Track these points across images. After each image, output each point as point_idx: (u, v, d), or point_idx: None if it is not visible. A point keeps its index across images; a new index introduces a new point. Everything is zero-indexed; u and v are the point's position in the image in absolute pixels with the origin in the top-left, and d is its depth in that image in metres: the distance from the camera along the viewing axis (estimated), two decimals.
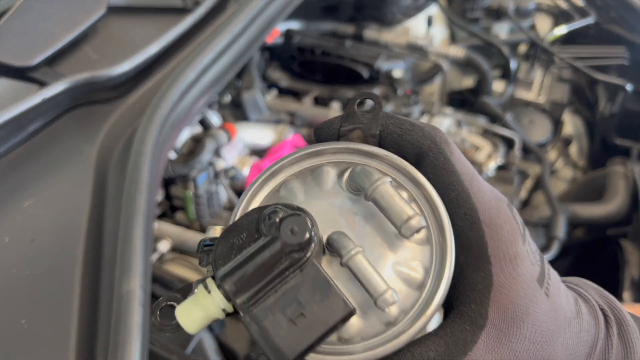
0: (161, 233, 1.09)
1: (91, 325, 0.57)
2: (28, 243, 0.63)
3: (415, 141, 0.27)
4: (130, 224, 0.63)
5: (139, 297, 0.57)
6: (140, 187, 0.67)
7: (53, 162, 0.73)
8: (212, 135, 1.15)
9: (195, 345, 0.76)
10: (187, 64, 0.84)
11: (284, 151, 1.27)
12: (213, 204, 1.19)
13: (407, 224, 0.24)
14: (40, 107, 0.72)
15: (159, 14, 0.95)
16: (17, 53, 0.78)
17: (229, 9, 1.00)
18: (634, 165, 1.27)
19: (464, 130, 1.38)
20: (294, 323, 0.23)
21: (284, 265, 0.23)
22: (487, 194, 0.26)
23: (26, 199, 0.68)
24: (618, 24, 1.47)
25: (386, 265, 0.25)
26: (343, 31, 1.55)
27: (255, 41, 0.99)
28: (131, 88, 0.84)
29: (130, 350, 0.53)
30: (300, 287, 0.23)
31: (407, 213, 0.24)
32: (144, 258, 0.61)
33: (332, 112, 1.36)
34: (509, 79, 1.48)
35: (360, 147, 0.27)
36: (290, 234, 0.23)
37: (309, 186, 0.27)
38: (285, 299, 0.23)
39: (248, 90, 1.35)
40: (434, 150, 0.26)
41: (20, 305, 0.57)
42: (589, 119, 1.54)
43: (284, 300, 0.23)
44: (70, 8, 0.86)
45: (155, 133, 0.73)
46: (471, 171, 0.27)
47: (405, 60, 1.43)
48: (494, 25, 1.58)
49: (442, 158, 0.26)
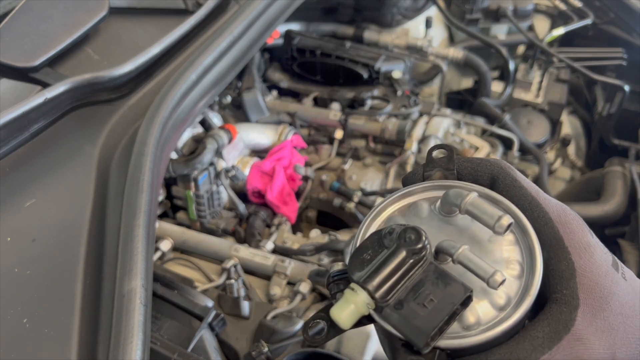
0: (162, 233, 1.09)
1: (93, 324, 0.57)
2: (29, 242, 0.64)
3: (487, 170, 0.34)
4: (132, 223, 0.64)
5: (141, 296, 0.57)
6: (141, 187, 0.67)
7: (55, 162, 0.73)
8: (213, 136, 1.15)
9: (196, 344, 0.77)
10: (189, 65, 0.84)
11: (285, 151, 1.28)
12: (214, 204, 1.19)
13: (499, 222, 0.29)
14: (42, 107, 0.73)
15: (161, 15, 0.95)
16: (19, 54, 0.78)
17: (230, 10, 1.01)
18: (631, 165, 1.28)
19: (463, 130, 1.38)
20: (426, 307, 0.28)
21: (408, 266, 0.29)
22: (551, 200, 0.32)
23: (28, 199, 0.68)
24: (616, 25, 1.48)
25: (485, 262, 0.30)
26: (343, 32, 1.56)
27: (256, 42, 1.00)
28: (133, 89, 0.84)
29: (132, 349, 0.53)
30: (424, 281, 0.29)
31: (497, 213, 0.30)
32: (146, 257, 0.61)
33: (332, 112, 1.36)
34: (507, 80, 1.49)
35: (444, 183, 0.34)
36: (409, 241, 0.29)
37: (409, 217, 0.34)
38: (414, 291, 0.29)
39: (248, 91, 1.35)
40: (502, 174, 0.33)
41: (21, 304, 0.58)
42: (587, 120, 1.55)
43: (413, 292, 0.28)
44: (72, 9, 0.87)
45: (157, 133, 0.74)
46: (534, 186, 0.33)
47: (405, 62, 1.44)
48: (493, 27, 1.59)
49: (510, 179, 0.33)
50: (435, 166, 0.35)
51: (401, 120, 1.32)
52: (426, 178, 0.35)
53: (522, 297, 0.29)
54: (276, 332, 0.87)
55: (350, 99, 1.39)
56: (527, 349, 0.28)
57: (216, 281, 0.99)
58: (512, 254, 0.31)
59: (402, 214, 0.34)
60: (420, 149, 1.28)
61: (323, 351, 0.86)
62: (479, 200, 0.31)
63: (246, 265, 1.03)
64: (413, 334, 0.27)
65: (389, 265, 0.28)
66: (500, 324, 0.28)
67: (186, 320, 0.80)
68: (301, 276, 0.99)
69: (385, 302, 0.28)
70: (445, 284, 0.28)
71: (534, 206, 0.32)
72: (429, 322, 0.27)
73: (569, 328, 0.28)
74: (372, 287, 0.28)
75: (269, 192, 1.20)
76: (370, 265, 0.29)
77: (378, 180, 1.29)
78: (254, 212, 1.20)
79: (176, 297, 0.81)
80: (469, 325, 0.29)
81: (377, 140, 1.35)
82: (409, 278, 0.29)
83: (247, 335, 0.89)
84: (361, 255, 0.30)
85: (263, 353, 0.83)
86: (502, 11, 1.50)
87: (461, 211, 0.31)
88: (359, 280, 0.28)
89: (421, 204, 0.34)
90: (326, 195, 1.28)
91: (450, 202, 0.32)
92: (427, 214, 0.34)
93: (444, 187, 0.34)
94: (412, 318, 0.28)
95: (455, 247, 0.29)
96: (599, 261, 0.30)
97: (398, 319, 0.28)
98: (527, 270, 0.30)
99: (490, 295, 0.30)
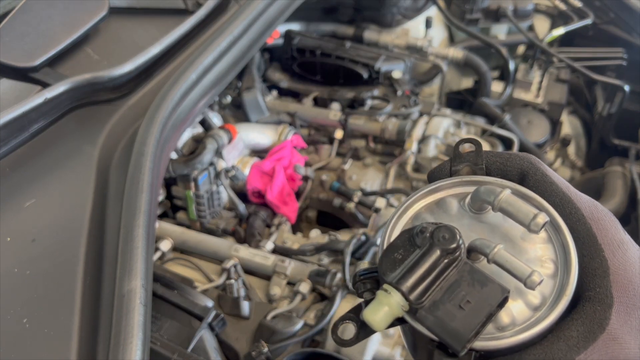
0: (162, 233, 1.09)
1: (92, 324, 0.57)
2: (29, 243, 0.64)
3: (516, 165, 0.33)
4: (132, 223, 0.64)
5: (140, 296, 0.57)
6: (141, 187, 0.67)
7: (54, 162, 0.73)
8: (213, 136, 1.15)
9: (196, 344, 0.77)
10: (189, 65, 0.84)
11: (285, 151, 1.28)
12: (214, 204, 1.19)
13: (535, 220, 0.29)
14: (42, 107, 0.73)
15: (161, 15, 0.95)
16: (19, 54, 0.78)
17: (230, 10, 1.01)
18: (632, 165, 1.28)
19: (463, 130, 1.38)
20: (463, 309, 0.27)
21: (442, 267, 0.28)
22: (582, 196, 0.31)
23: (28, 199, 0.68)
24: (616, 24, 1.48)
25: (521, 262, 0.29)
26: (343, 32, 1.56)
27: (256, 42, 1.00)
28: (133, 89, 0.84)
29: (132, 349, 0.53)
30: (460, 281, 0.28)
31: (532, 212, 0.29)
32: (145, 257, 0.61)
33: (332, 112, 1.36)
34: (507, 80, 1.49)
35: (472, 178, 0.33)
36: (443, 240, 0.28)
37: (437, 214, 0.33)
38: (450, 292, 0.28)
39: (248, 91, 1.35)
40: (533, 170, 0.32)
41: (21, 304, 0.58)
42: (587, 120, 1.55)
43: (449, 293, 0.28)
44: (72, 9, 0.87)
45: (157, 133, 0.74)
46: (565, 182, 0.32)
47: (405, 62, 1.43)
48: (493, 27, 1.59)
49: (541, 174, 0.32)
50: (462, 161, 0.34)
51: (401, 120, 1.32)
52: (453, 173, 0.34)
53: (558, 297, 0.28)
54: (276, 332, 0.87)
55: (350, 99, 1.39)
56: (562, 349, 0.27)
57: (216, 281, 0.99)
58: (545, 252, 0.30)
59: (429, 211, 0.33)
60: (420, 149, 1.28)
61: (323, 351, 0.86)
62: (513, 198, 0.30)
63: (246, 265, 1.03)
64: (450, 337, 0.27)
65: (423, 265, 0.27)
66: (536, 325, 0.28)
67: (186, 320, 0.79)
68: (301, 276, 0.99)
69: (420, 303, 0.27)
70: (481, 284, 0.28)
71: (566, 202, 0.31)
72: (466, 324, 0.27)
73: (604, 327, 0.27)
74: (406, 289, 0.27)
75: (269, 192, 1.20)
76: (403, 265, 0.28)
77: (378, 180, 1.29)
78: (254, 212, 1.20)
79: (176, 297, 0.81)
80: (503, 326, 0.28)
81: (377, 140, 1.35)
82: (444, 279, 0.28)
83: (247, 336, 0.89)
84: (392, 255, 0.29)
85: (263, 353, 0.83)
86: (502, 11, 1.50)
87: (494, 209, 0.30)
88: (392, 281, 0.28)
89: (450, 201, 0.33)
90: (326, 195, 1.28)
91: (482, 199, 0.31)
92: (457, 211, 0.32)
93: (472, 182, 0.33)
94: (449, 320, 0.27)
95: (490, 247, 0.29)
96: (632, 258, 0.30)
97: (434, 321, 0.27)
98: (561, 269, 0.29)
99: (525, 295, 0.29)
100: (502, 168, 0.33)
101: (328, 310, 0.91)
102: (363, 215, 1.20)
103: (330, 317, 0.90)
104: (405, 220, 0.33)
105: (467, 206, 0.32)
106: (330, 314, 0.90)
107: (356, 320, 0.31)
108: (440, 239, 0.28)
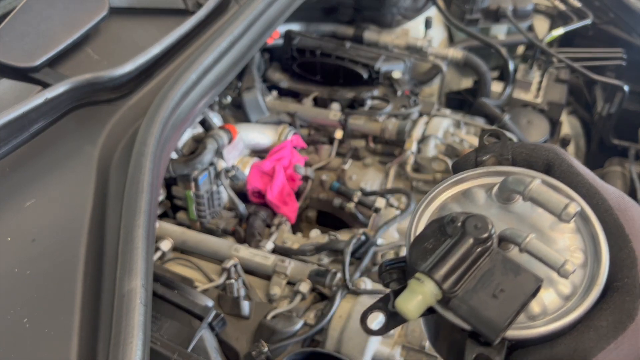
0: (162, 232, 1.09)
1: (93, 324, 0.57)
2: (29, 243, 0.64)
3: (542, 156, 0.33)
4: (132, 223, 0.64)
5: (141, 296, 0.57)
6: (141, 187, 0.67)
7: (55, 162, 0.73)
8: (213, 136, 1.15)
9: (196, 344, 0.77)
10: (189, 65, 0.84)
11: (285, 151, 1.28)
12: (214, 204, 1.19)
13: (566, 210, 0.28)
14: (42, 107, 0.73)
15: (161, 15, 0.95)
16: (19, 54, 0.78)
17: (230, 10, 1.01)
18: (631, 165, 1.28)
19: (463, 130, 1.38)
20: (497, 297, 0.27)
21: (475, 256, 0.28)
22: (609, 187, 0.31)
23: (28, 199, 0.68)
24: (616, 25, 1.48)
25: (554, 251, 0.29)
26: (343, 33, 1.56)
27: (256, 42, 1.00)
28: (133, 89, 0.84)
29: (132, 349, 0.53)
30: (493, 270, 0.28)
31: (564, 201, 0.29)
32: (146, 257, 0.61)
33: (332, 112, 1.36)
34: (507, 80, 1.49)
35: (499, 169, 0.33)
36: (475, 229, 0.28)
37: (464, 205, 0.32)
38: (483, 281, 0.27)
39: (249, 91, 1.35)
40: (559, 161, 0.32)
41: (21, 304, 0.58)
42: (587, 120, 1.55)
43: (482, 282, 0.27)
44: (72, 9, 0.87)
45: (157, 133, 0.74)
46: (591, 173, 0.32)
47: (405, 62, 1.44)
48: (493, 27, 1.59)
49: (567, 165, 0.32)
50: (488, 152, 0.34)
51: (401, 121, 1.32)
52: (479, 164, 0.34)
53: (589, 287, 0.28)
54: (276, 332, 0.87)
55: (350, 99, 1.39)
56: (592, 338, 0.27)
57: (216, 281, 0.99)
58: (573, 242, 0.30)
59: (456, 202, 0.33)
60: (420, 149, 1.28)
61: (323, 351, 0.86)
62: (543, 187, 0.30)
63: (246, 265, 1.03)
64: (485, 326, 0.27)
65: (455, 254, 0.27)
66: (567, 315, 0.28)
67: (186, 320, 0.80)
68: (301, 276, 0.99)
69: (453, 292, 0.27)
70: (515, 273, 0.27)
71: (593, 193, 0.31)
72: (501, 313, 0.26)
73: (633, 317, 0.28)
74: (439, 277, 0.27)
75: (269, 192, 1.20)
76: (435, 254, 0.28)
77: (378, 180, 1.29)
78: (254, 212, 1.20)
79: (176, 297, 0.81)
80: (534, 315, 0.28)
81: (377, 140, 1.35)
82: (477, 268, 0.28)
83: (247, 335, 0.89)
84: (422, 245, 0.29)
85: (263, 353, 0.83)
86: (502, 11, 1.50)
87: (524, 198, 0.30)
88: (424, 270, 0.27)
89: (476, 191, 0.33)
90: (326, 195, 1.28)
91: (511, 189, 0.31)
92: (484, 202, 0.32)
93: (499, 173, 0.33)
94: (483, 309, 0.27)
95: (522, 236, 0.28)
96: None
97: (467, 310, 0.27)
98: (591, 259, 0.29)
99: (556, 285, 0.29)
100: (528, 159, 0.33)
101: (328, 310, 0.91)
102: (363, 215, 1.21)
103: (330, 317, 0.90)
104: (431, 210, 0.33)
105: (494, 196, 0.32)
106: (330, 314, 0.90)
107: (385, 310, 0.31)
108: (472, 228, 0.28)
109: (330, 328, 0.90)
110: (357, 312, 0.90)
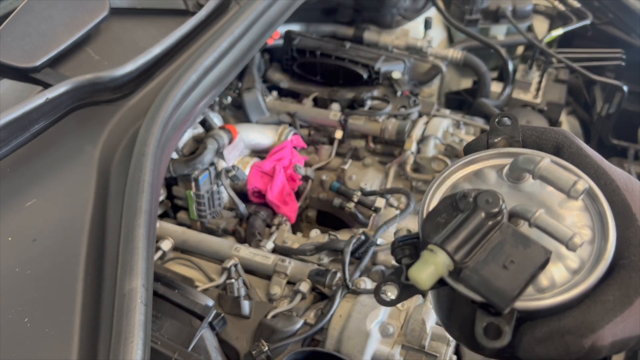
0: (163, 232, 1.09)
1: (93, 324, 0.57)
2: (30, 242, 0.64)
3: (551, 138, 0.34)
4: (133, 223, 0.64)
5: (141, 295, 0.58)
6: (142, 187, 0.67)
7: (55, 162, 0.73)
8: (214, 136, 1.15)
9: (196, 343, 0.77)
10: (189, 66, 0.85)
11: (285, 151, 1.28)
12: (214, 204, 1.20)
13: (575, 186, 0.29)
14: (43, 107, 0.73)
15: (162, 16, 0.95)
16: (20, 54, 0.78)
17: (231, 11, 1.01)
18: (630, 165, 1.28)
19: (463, 131, 1.39)
20: (507, 268, 0.28)
21: (486, 229, 0.29)
22: (616, 169, 0.32)
23: (28, 199, 0.68)
24: (615, 25, 1.48)
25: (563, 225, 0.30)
26: (343, 33, 1.56)
27: (257, 43, 1.00)
28: (134, 89, 0.85)
29: (132, 349, 0.54)
30: (503, 243, 0.29)
31: (572, 178, 0.30)
32: (146, 257, 0.61)
33: (331, 113, 1.37)
34: (506, 80, 1.49)
35: (510, 150, 0.34)
36: (486, 204, 0.28)
37: (476, 184, 0.34)
38: (494, 253, 0.28)
39: (249, 91, 1.35)
40: (568, 143, 0.33)
41: (22, 304, 0.58)
42: (586, 120, 1.55)
43: (493, 254, 0.28)
44: (73, 10, 0.87)
45: (157, 134, 0.74)
46: (599, 155, 0.33)
47: (405, 62, 1.44)
48: (492, 27, 1.59)
49: (576, 147, 0.33)
50: (499, 134, 0.35)
51: (401, 121, 1.32)
52: (490, 146, 0.35)
53: (596, 261, 0.29)
54: (276, 332, 0.88)
55: (350, 99, 1.39)
56: (599, 312, 0.28)
57: (216, 281, 0.99)
58: (581, 219, 0.31)
59: (468, 181, 0.34)
60: (420, 149, 1.29)
61: (323, 350, 0.86)
62: (553, 166, 0.31)
63: (246, 265, 1.04)
64: (495, 296, 0.27)
65: (467, 227, 0.28)
66: (575, 288, 0.29)
67: (187, 319, 0.80)
68: (301, 276, 0.99)
69: (465, 263, 0.28)
70: (524, 246, 0.28)
71: (601, 174, 0.32)
72: (511, 283, 0.27)
73: None
74: (451, 248, 0.28)
75: (269, 192, 1.20)
76: (447, 228, 0.29)
77: (378, 180, 1.29)
78: (254, 212, 1.20)
79: (177, 296, 0.81)
80: (542, 288, 0.29)
81: (376, 141, 1.35)
82: (488, 240, 0.29)
83: (248, 335, 0.89)
84: (435, 219, 0.30)
85: (263, 352, 0.83)
86: (502, 12, 1.51)
87: (534, 176, 0.31)
88: (437, 242, 0.28)
89: (488, 171, 0.34)
90: (326, 195, 1.28)
91: (521, 168, 0.32)
92: (495, 181, 0.33)
93: (510, 154, 0.34)
94: (493, 280, 0.28)
95: (531, 211, 0.29)
96: None
97: (478, 281, 0.28)
98: (598, 236, 0.30)
99: (564, 259, 0.30)
100: (538, 141, 0.34)
101: (328, 310, 0.91)
102: (363, 215, 1.21)
103: (330, 317, 0.90)
104: (443, 189, 0.34)
105: (505, 176, 0.33)
106: (330, 314, 0.90)
107: (397, 282, 0.32)
108: (484, 202, 0.29)
109: (330, 327, 0.90)
110: (357, 311, 0.90)
